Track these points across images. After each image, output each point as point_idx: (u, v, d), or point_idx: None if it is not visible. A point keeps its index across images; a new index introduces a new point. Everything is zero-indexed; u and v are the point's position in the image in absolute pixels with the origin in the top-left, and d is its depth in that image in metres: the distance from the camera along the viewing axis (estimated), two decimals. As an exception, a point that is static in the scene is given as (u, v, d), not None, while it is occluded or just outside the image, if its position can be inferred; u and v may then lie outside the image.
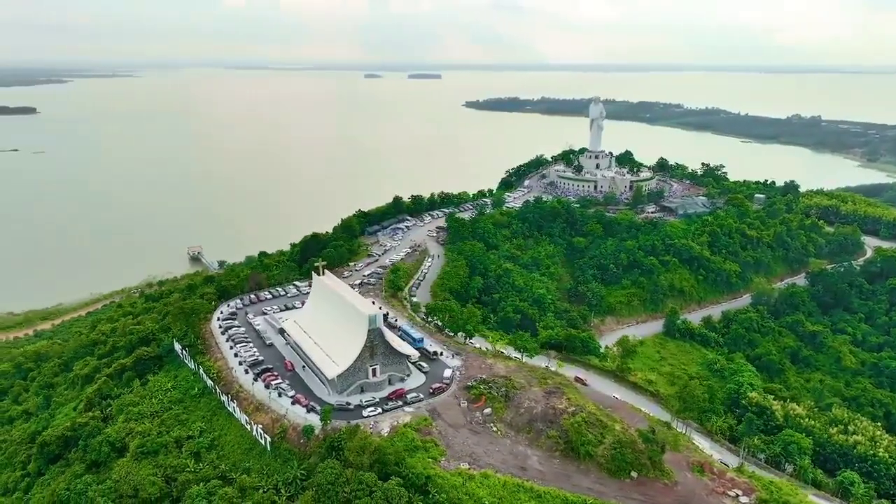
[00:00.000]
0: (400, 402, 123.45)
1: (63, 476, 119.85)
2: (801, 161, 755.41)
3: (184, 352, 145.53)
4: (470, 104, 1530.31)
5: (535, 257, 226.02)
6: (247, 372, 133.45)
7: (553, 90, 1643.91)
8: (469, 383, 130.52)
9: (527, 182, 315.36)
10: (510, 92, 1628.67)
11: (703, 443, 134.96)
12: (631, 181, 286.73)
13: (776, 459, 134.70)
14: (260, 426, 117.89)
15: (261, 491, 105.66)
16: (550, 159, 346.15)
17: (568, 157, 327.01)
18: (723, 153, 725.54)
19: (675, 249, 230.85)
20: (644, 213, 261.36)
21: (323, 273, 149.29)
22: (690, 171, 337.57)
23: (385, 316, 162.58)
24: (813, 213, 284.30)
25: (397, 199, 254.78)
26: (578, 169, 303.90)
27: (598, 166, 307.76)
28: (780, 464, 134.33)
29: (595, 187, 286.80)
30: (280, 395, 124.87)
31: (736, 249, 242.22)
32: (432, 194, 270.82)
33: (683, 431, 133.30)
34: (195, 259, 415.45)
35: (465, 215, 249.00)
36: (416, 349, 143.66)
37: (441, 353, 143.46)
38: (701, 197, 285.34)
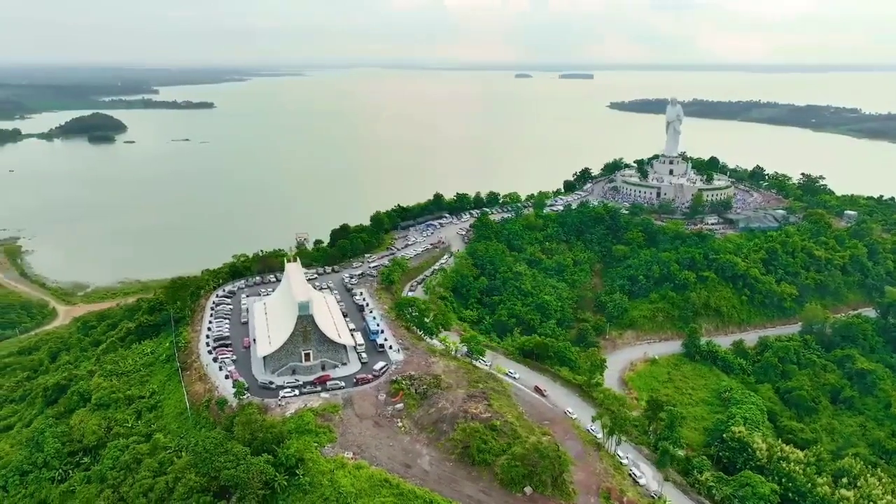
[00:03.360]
0: (319, 388, 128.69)
1: (41, 416, 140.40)
2: None
3: (173, 322, 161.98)
4: (614, 105, 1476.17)
5: (560, 262, 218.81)
6: (207, 345, 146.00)
7: (709, 92, 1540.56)
8: (394, 378, 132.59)
9: (589, 185, 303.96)
10: (661, 93, 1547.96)
11: (647, 470, 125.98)
12: (699, 189, 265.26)
13: (731, 502, 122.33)
14: (188, 395, 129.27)
15: (168, 451, 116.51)
16: (633, 163, 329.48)
17: (641, 162, 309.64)
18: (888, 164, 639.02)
19: (718, 265, 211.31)
20: (699, 224, 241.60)
21: (295, 260, 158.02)
22: (789, 182, 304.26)
23: (362, 307, 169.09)
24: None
25: (438, 196, 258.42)
26: (645, 174, 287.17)
27: (671, 172, 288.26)
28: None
29: (658, 194, 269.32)
30: (221, 368, 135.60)
31: (797, 270, 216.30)
32: (478, 193, 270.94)
33: (617, 454, 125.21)
34: (300, 245, 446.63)
35: (506, 216, 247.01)
36: (371, 341, 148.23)
37: (391, 347, 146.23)
38: (779, 210, 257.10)
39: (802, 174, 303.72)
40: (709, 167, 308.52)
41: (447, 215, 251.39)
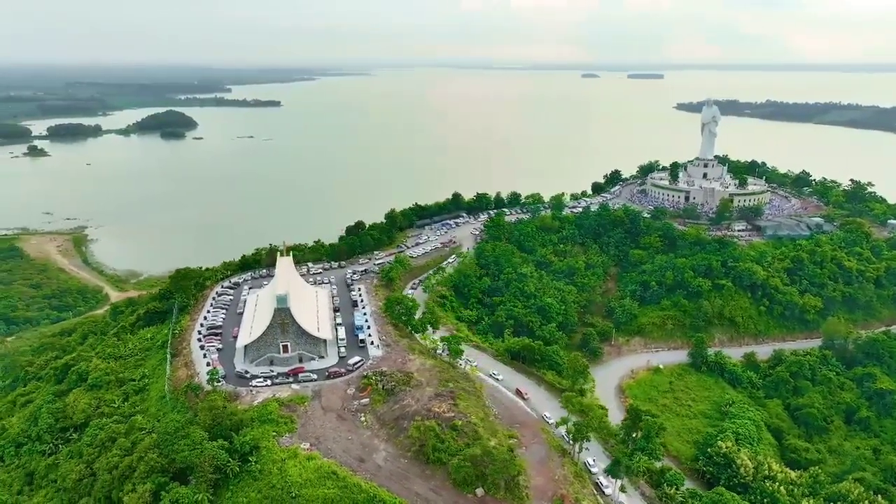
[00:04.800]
0: (291, 379, 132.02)
1: (45, 393, 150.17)
2: None
3: (175, 310, 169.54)
4: (681, 106, 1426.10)
5: (571, 266, 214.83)
6: (199, 333, 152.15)
7: (786, 92, 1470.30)
8: (365, 373, 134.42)
9: (617, 187, 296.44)
10: (732, 94, 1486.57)
11: (615, 481, 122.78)
12: (731, 194, 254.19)
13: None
14: (172, 380, 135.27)
15: (143, 431, 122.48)
16: (668, 166, 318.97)
17: (675, 165, 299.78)
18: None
19: (736, 273, 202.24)
20: (724, 230, 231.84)
21: (288, 254, 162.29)
22: (835, 188, 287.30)
23: (355, 303, 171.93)
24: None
25: (456, 196, 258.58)
26: (675, 177, 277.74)
27: (705, 175, 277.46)
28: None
29: (687, 198, 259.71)
30: (205, 356, 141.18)
31: (823, 281, 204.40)
32: (498, 193, 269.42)
33: (587, 461, 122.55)
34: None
35: (522, 217, 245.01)
36: (354, 336, 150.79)
37: (372, 343, 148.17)
38: (815, 218, 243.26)
39: (851, 180, 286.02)
40: (748, 171, 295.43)
41: (464, 215, 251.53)
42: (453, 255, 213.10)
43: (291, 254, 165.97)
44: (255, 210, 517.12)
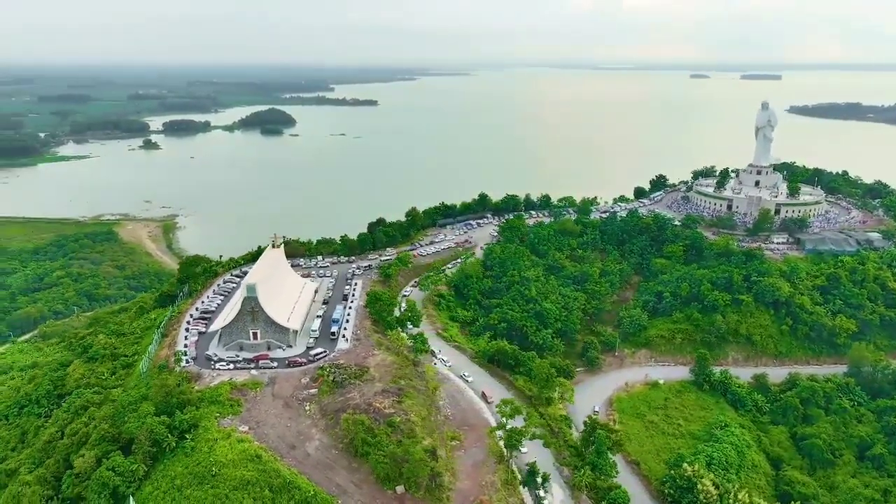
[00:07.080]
0: (252, 365, 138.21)
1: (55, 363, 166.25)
2: None
3: (181, 294, 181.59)
4: (794, 109, 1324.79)
5: (585, 272, 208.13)
6: (190, 316, 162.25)
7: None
8: (322, 364, 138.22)
9: (659, 193, 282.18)
10: (858, 96, 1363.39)
11: (557, 491, 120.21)
12: (777, 203, 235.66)
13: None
14: (155, 358, 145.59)
15: (114, 402, 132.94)
16: (732, 172, 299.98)
17: (726, 171, 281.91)
18: None
19: (759, 288, 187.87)
20: (761, 242, 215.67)
21: (279, 247, 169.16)
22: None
23: (346, 296, 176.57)
24: None
25: (482, 196, 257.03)
26: (721, 184, 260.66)
27: (757, 183, 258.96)
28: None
29: (729, 206, 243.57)
30: (186, 337, 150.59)
31: (861, 303, 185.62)
32: (527, 195, 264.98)
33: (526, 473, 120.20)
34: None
35: (544, 220, 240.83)
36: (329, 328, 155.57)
37: (343, 336, 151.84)
38: (872, 233, 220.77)
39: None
40: (811, 179, 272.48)
41: (489, 216, 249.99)
42: (464, 256, 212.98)
43: (283, 246, 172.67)
44: (319, 202, 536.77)
